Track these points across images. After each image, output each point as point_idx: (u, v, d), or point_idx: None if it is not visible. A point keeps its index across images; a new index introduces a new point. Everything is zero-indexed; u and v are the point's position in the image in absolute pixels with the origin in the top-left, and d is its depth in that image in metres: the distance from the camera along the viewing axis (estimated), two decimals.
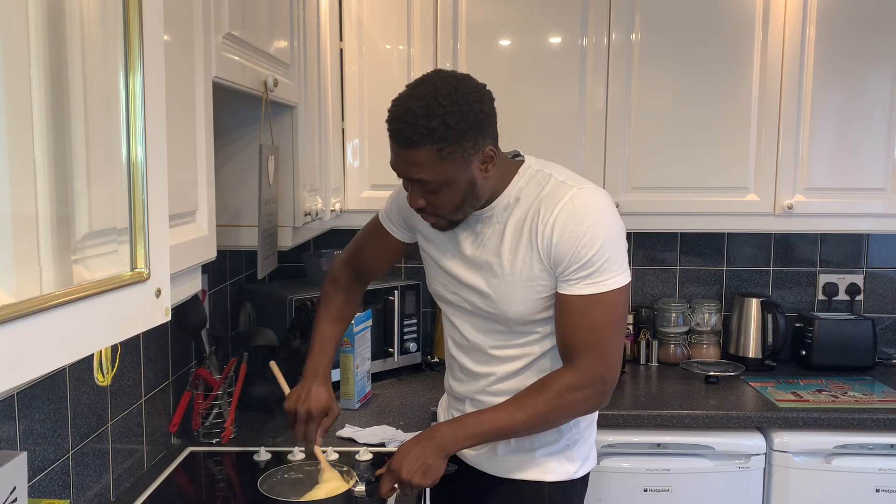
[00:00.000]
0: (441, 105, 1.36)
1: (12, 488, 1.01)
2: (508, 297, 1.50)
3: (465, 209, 1.48)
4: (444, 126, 1.36)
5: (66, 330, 0.65)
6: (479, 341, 1.59)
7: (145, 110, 0.76)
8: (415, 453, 1.45)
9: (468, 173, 1.42)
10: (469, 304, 1.58)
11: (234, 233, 1.77)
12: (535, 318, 1.52)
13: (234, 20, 1.38)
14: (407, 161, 1.40)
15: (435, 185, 1.42)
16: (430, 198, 1.45)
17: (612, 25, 2.43)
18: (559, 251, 1.44)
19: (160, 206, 0.81)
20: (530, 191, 1.50)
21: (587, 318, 1.44)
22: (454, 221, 1.52)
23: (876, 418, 2.20)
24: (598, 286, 1.43)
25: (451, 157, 1.38)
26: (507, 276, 1.50)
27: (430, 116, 1.35)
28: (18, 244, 0.60)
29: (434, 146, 1.37)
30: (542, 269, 1.47)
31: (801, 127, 2.45)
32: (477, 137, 1.40)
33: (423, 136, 1.36)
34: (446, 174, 1.40)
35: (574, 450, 1.59)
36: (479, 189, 1.47)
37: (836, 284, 2.83)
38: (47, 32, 0.64)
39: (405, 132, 1.37)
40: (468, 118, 1.38)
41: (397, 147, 1.41)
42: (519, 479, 1.58)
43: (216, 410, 2.01)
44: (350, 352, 2.22)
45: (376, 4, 2.46)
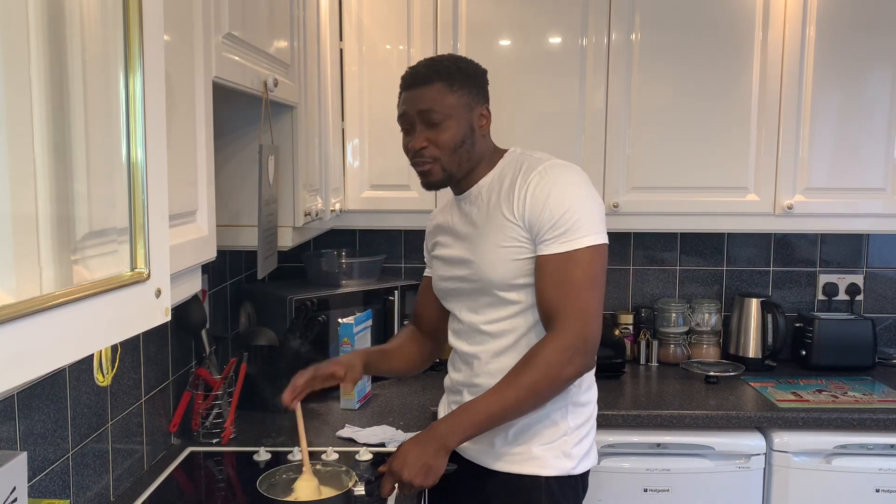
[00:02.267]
0: (452, 57, 1.66)
1: (12, 488, 1.01)
2: (485, 260, 1.59)
3: (461, 156, 1.60)
4: (457, 68, 1.60)
5: (66, 330, 0.65)
6: (472, 319, 1.65)
7: (145, 110, 0.76)
8: (415, 454, 1.47)
9: (470, 117, 1.60)
10: (459, 282, 1.66)
11: (234, 233, 1.77)
12: (516, 283, 1.58)
13: (234, 20, 1.38)
14: (420, 97, 1.59)
15: (440, 118, 1.57)
16: (433, 135, 1.58)
17: (612, 25, 2.43)
18: (531, 213, 1.53)
19: (160, 206, 0.82)
20: (511, 169, 1.63)
21: (562, 276, 1.50)
22: (447, 171, 1.61)
23: (876, 418, 2.20)
24: (571, 244, 1.50)
25: (460, 94, 1.59)
26: (483, 242, 1.60)
27: (444, 60, 1.63)
28: (18, 244, 0.60)
29: (447, 81, 1.58)
30: (515, 231, 1.55)
31: (801, 127, 2.45)
32: (480, 92, 1.63)
33: (438, 73, 1.59)
34: (453, 108, 1.58)
35: (572, 446, 1.60)
36: (476, 140, 1.62)
37: (836, 284, 2.83)
38: (47, 32, 0.64)
39: (420, 72, 1.60)
40: (474, 72, 1.64)
41: (410, 88, 1.61)
42: (516, 472, 1.59)
43: (216, 410, 2.01)
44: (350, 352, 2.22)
45: (376, 4, 2.46)
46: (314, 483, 1.58)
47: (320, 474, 1.61)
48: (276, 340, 2.25)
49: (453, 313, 1.72)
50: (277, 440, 2.00)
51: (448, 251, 1.70)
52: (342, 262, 2.63)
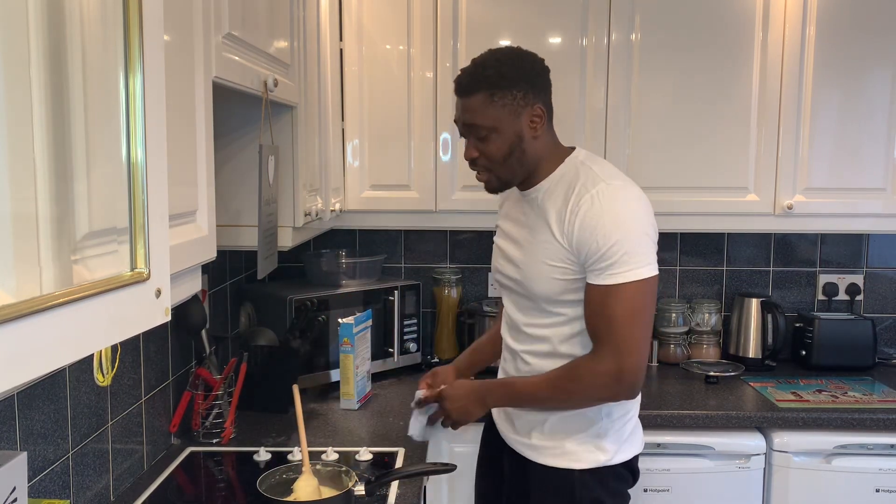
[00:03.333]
0: (497, 58, 1.57)
1: (12, 488, 1.01)
2: (532, 273, 1.61)
3: (513, 164, 1.59)
4: (498, 74, 1.54)
5: (66, 330, 0.65)
6: (517, 318, 1.70)
7: (145, 110, 0.76)
8: (463, 392, 1.70)
9: (517, 125, 1.56)
10: (510, 281, 1.70)
11: (234, 233, 1.77)
12: (561, 299, 1.60)
13: (234, 20, 1.38)
14: (464, 108, 1.58)
15: (485, 132, 1.56)
16: (481, 146, 1.59)
17: (612, 26, 2.43)
18: (580, 241, 1.53)
19: (160, 206, 0.82)
20: (569, 179, 1.60)
21: (604, 309, 1.52)
22: (503, 180, 1.63)
23: (876, 418, 2.20)
24: (617, 277, 1.50)
25: (502, 103, 1.54)
26: (532, 254, 1.62)
27: (487, 66, 1.56)
28: (18, 244, 0.60)
29: (488, 91, 1.54)
30: (563, 253, 1.56)
31: (801, 127, 2.45)
32: (528, 91, 1.56)
33: (479, 83, 1.55)
34: (496, 120, 1.55)
35: (605, 440, 1.64)
36: (527, 146, 1.58)
37: (836, 284, 2.83)
38: (47, 32, 0.64)
39: (464, 81, 1.58)
40: (520, 70, 1.56)
41: (458, 98, 1.60)
42: (551, 465, 1.66)
43: (216, 410, 2.01)
44: (350, 352, 2.23)
45: (376, 4, 2.46)
46: (314, 483, 1.58)
47: (320, 474, 1.62)
48: (276, 340, 2.25)
49: (504, 303, 1.79)
50: (277, 440, 2.00)
51: (504, 244, 1.74)
52: (342, 262, 2.63)
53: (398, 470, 1.76)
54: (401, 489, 1.71)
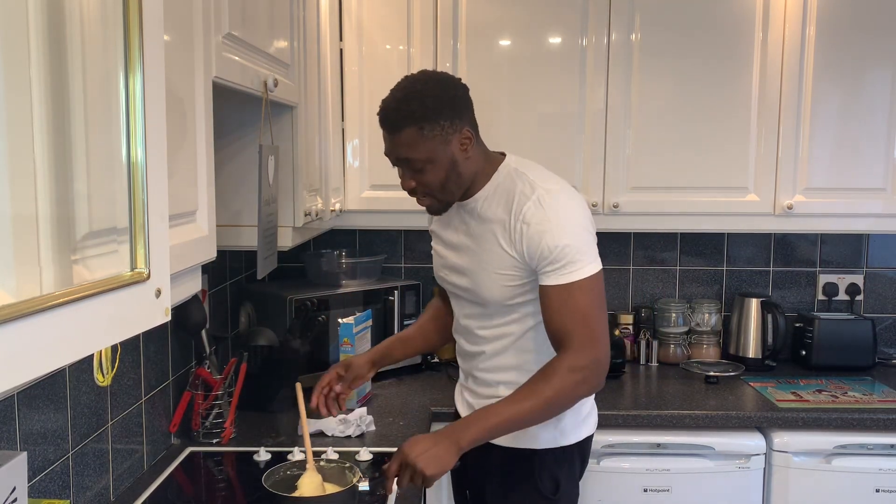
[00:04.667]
0: (417, 90, 1.57)
1: (12, 488, 1.01)
2: (483, 282, 1.66)
3: (451, 188, 1.63)
4: (423, 107, 1.55)
5: (67, 330, 0.65)
6: (467, 323, 1.75)
7: (145, 110, 0.76)
8: (428, 443, 1.51)
9: (448, 152, 1.59)
10: (458, 289, 1.74)
11: (234, 233, 1.77)
12: (513, 303, 1.66)
13: (234, 20, 1.38)
14: (395, 143, 1.59)
15: (420, 164, 1.58)
16: (418, 177, 1.61)
17: (612, 25, 2.43)
18: (529, 248, 1.58)
19: (160, 206, 0.81)
20: (505, 187, 1.65)
21: (569, 305, 1.56)
22: (444, 202, 1.67)
23: (876, 418, 2.20)
24: (573, 275, 1.56)
25: (432, 135, 1.56)
26: (482, 264, 1.66)
27: (410, 100, 1.56)
28: (18, 244, 0.60)
29: (416, 125, 1.55)
30: (512, 261, 1.61)
31: (801, 127, 2.45)
32: (454, 118, 1.58)
33: (406, 118, 1.55)
34: (429, 151, 1.57)
35: (563, 421, 1.70)
36: (461, 168, 1.62)
37: (836, 284, 2.83)
38: (47, 32, 0.64)
39: (390, 118, 1.57)
40: (443, 100, 1.57)
41: (386, 134, 1.60)
42: (511, 446, 1.70)
43: (216, 410, 2.01)
44: (350, 352, 2.22)
45: (376, 4, 2.46)
46: (318, 479, 1.59)
47: (324, 471, 1.62)
48: (276, 340, 2.25)
49: (453, 308, 1.81)
50: (277, 440, 2.00)
51: (446, 252, 1.76)
52: (342, 262, 2.63)
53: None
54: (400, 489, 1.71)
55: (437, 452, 1.49)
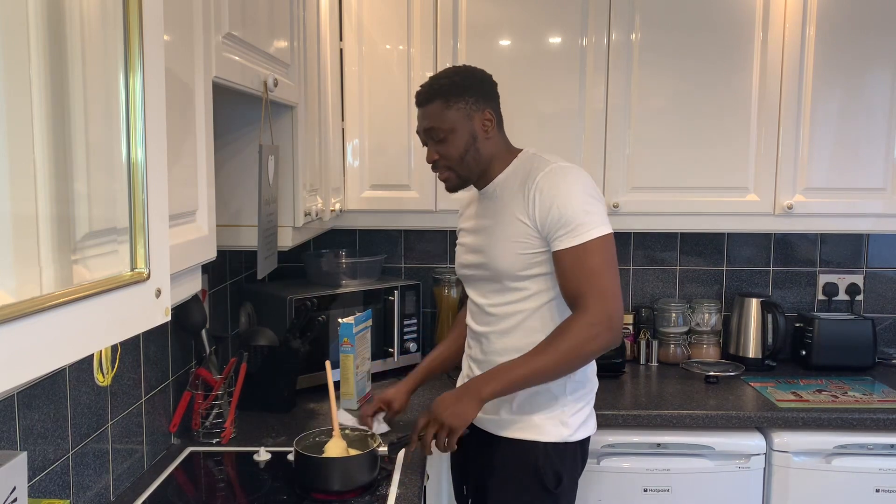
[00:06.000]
0: (451, 72, 1.81)
1: (12, 488, 1.01)
2: (496, 252, 1.74)
3: (469, 163, 1.77)
4: (452, 83, 1.75)
5: (66, 330, 0.65)
6: (481, 301, 1.82)
7: (145, 110, 0.76)
8: (451, 398, 1.66)
9: (470, 126, 1.75)
10: (472, 269, 1.83)
11: (234, 233, 1.77)
12: (523, 274, 1.73)
13: (234, 20, 1.38)
14: (424, 115, 1.77)
15: (443, 133, 1.74)
16: (440, 148, 1.76)
17: (612, 25, 2.43)
18: (542, 214, 1.67)
19: (160, 206, 0.81)
20: (524, 168, 1.77)
21: (581, 266, 1.65)
22: (461, 177, 1.79)
23: (876, 418, 2.20)
24: (584, 236, 1.65)
25: (456, 108, 1.74)
26: (495, 237, 1.75)
27: (442, 77, 1.78)
28: (18, 244, 0.60)
29: (443, 98, 1.74)
30: (526, 229, 1.70)
31: (801, 127, 2.45)
32: (478, 98, 1.76)
33: (436, 92, 1.75)
34: (452, 122, 1.74)
35: (569, 416, 1.76)
36: (480, 145, 1.76)
37: (836, 284, 2.83)
38: (47, 32, 0.64)
39: (423, 93, 1.78)
40: (471, 81, 1.77)
41: (419, 108, 1.79)
42: (517, 438, 1.76)
43: (216, 410, 2.01)
44: (350, 352, 2.22)
45: (376, 4, 2.46)
46: (343, 444, 1.78)
47: (348, 438, 1.81)
48: (276, 340, 2.25)
49: (469, 295, 1.89)
50: (277, 440, 2.00)
51: (466, 240, 1.88)
52: (342, 262, 2.63)
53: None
54: (400, 489, 1.71)
55: (461, 407, 1.64)
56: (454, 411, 1.63)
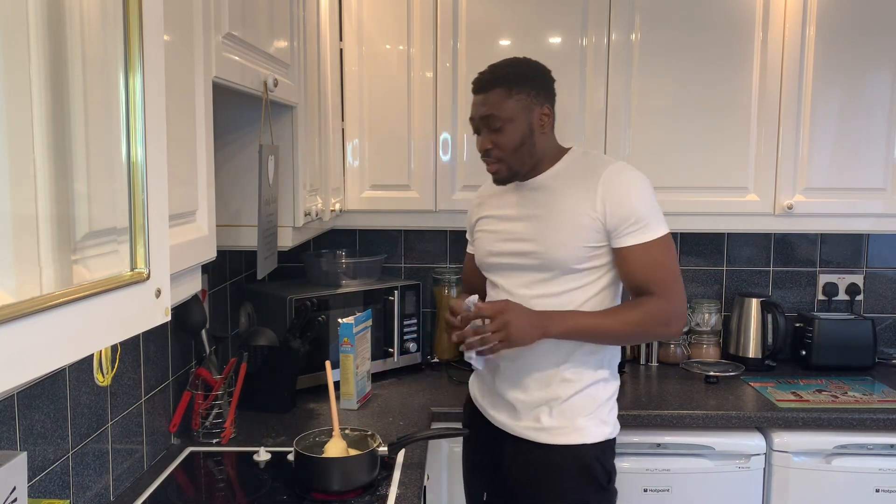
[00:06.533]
0: (514, 62, 1.79)
1: (12, 488, 1.01)
2: (555, 243, 1.73)
3: (522, 155, 1.76)
4: (516, 74, 1.75)
5: (66, 330, 0.65)
6: (523, 293, 1.78)
7: (145, 110, 0.76)
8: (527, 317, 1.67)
9: (528, 119, 1.74)
10: (518, 257, 1.80)
11: (234, 233, 1.77)
12: (580, 267, 1.74)
13: (234, 20, 1.38)
14: (483, 103, 1.75)
15: (501, 122, 1.73)
16: (495, 137, 1.75)
17: (612, 25, 2.43)
18: (612, 209, 1.70)
19: (160, 206, 0.81)
20: (578, 163, 1.80)
21: (653, 261, 1.71)
22: (511, 170, 1.78)
23: (876, 418, 2.20)
24: (655, 232, 1.71)
25: (518, 97, 1.73)
26: (553, 227, 1.74)
27: (506, 66, 1.78)
28: (18, 244, 0.60)
29: (506, 87, 1.73)
30: (591, 223, 1.71)
31: (801, 127, 2.45)
32: (540, 92, 1.76)
33: (499, 80, 1.74)
34: (512, 112, 1.73)
35: (607, 414, 1.81)
36: (536, 139, 1.76)
37: (836, 284, 2.83)
38: (47, 32, 0.64)
39: (484, 79, 1.77)
40: (535, 75, 1.77)
41: (477, 95, 1.77)
42: (564, 444, 1.76)
43: (216, 410, 2.01)
44: (350, 352, 2.23)
45: (376, 4, 2.46)
46: (343, 444, 1.78)
47: (348, 437, 1.81)
48: (276, 340, 2.25)
49: (499, 286, 1.85)
50: (277, 440, 2.00)
51: (506, 226, 1.83)
52: (342, 262, 2.63)
53: (417, 433, 1.88)
54: (400, 489, 1.71)
55: (529, 330, 1.66)
56: (523, 332, 1.65)
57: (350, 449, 1.78)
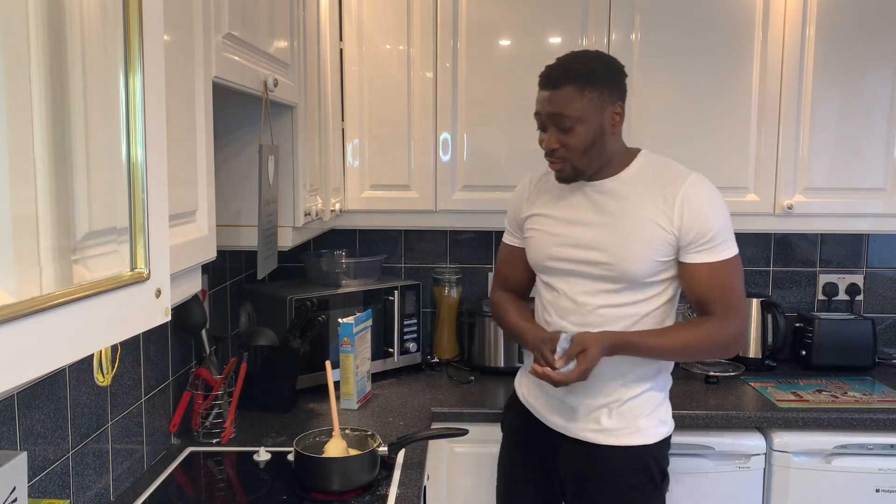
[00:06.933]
0: (589, 56, 1.71)
1: (12, 488, 1.01)
2: (627, 255, 1.69)
3: (591, 156, 1.69)
4: (590, 70, 1.66)
5: (66, 330, 0.65)
6: (585, 301, 1.75)
7: (145, 110, 0.76)
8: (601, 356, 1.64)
9: (600, 118, 1.67)
10: (581, 265, 1.75)
11: (234, 233, 1.77)
12: (650, 280, 1.71)
13: (234, 20, 1.38)
14: (551, 100, 1.68)
15: (570, 122, 1.66)
16: (563, 137, 1.68)
17: (612, 25, 2.43)
18: (688, 224, 1.67)
19: (160, 206, 0.81)
20: (649, 170, 1.74)
21: (720, 281, 1.70)
22: (577, 170, 1.72)
23: (876, 418, 2.20)
24: (727, 252, 1.70)
25: (590, 97, 1.65)
26: (626, 238, 1.70)
27: (579, 62, 1.68)
28: (18, 244, 0.60)
29: (577, 84, 1.65)
30: (665, 236, 1.69)
31: (801, 127, 2.45)
32: (613, 91, 1.69)
33: (570, 76, 1.65)
34: (582, 112, 1.65)
35: (664, 414, 1.81)
36: (607, 140, 1.70)
37: (836, 284, 2.83)
38: (47, 32, 0.64)
39: (554, 75, 1.68)
40: (608, 72, 1.69)
41: (545, 91, 1.70)
42: (625, 445, 1.76)
43: (216, 410, 2.01)
44: (350, 352, 2.23)
45: (376, 4, 2.46)
46: (343, 444, 1.79)
47: (348, 437, 1.82)
48: (276, 340, 2.25)
49: (559, 291, 1.79)
50: (277, 440, 2.00)
51: (566, 231, 1.77)
52: (342, 262, 2.63)
53: (417, 433, 1.88)
54: (400, 489, 1.71)
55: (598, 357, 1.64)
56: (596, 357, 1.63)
57: (350, 449, 1.79)
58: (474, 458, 2.23)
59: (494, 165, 2.49)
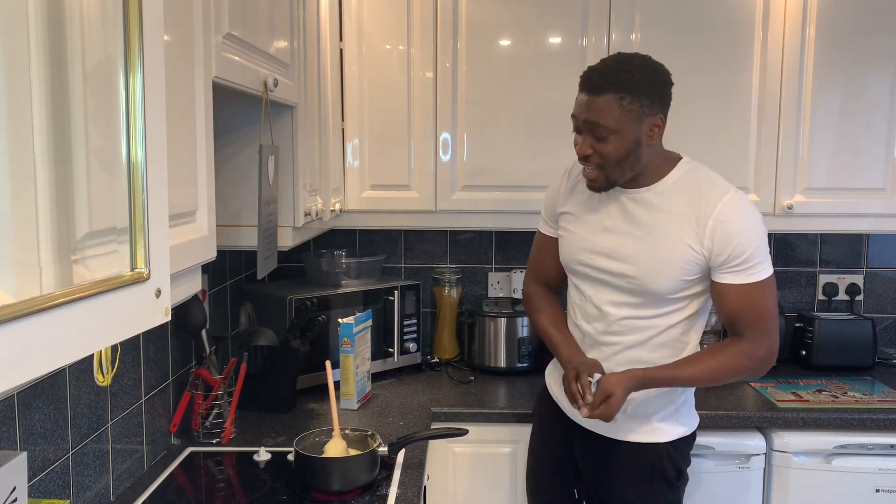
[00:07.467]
0: (633, 64, 1.61)
1: (12, 488, 1.01)
2: (653, 272, 1.67)
3: (625, 167, 1.64)
4: (632, 79, 1.58)
5: (67, 330, 0.65)
6: (609, 311, 1.75)
7: (145, 110, 0.76)
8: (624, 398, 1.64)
9: (637, 130, 1.61)
10: (607, 274, 1.73)
11: (234, 233, 1.77)
12: (674, 297, 1.70)
13: (234, 20, 1.38)
14: (589, 106, 1.61)
15: (605, 132, 1.60)
16: (598, 146, 1.63)
17: (612, 25, 2.43)
18: (720, 246, 1.63)
19: (160, 206, 0.82)
20: (687, 182, 1.69)
21: (753, 302, 1.66)
22: (610, 179, 1.67)
23: (876, 418, 2.20)
24: (761, 274, 1.65)
25: (630, 108, 1.58)
26: (655, 254, 1.67)
27: (621, 70, 1.59)
28: (18, 244, 0.60)
29: (618, 94, 1.58)
30: (694, 255, 1.65)
31: (801, 127, 2.45)
32: (654, 102, 1.61)
33: (611, 83, 1.58)
34: (619, 123, 1.59)
35: (683, 414, 1.80)
36: (642, 153, 1.64)
37: (836, 284, 2.83)
38: (47, 32, 0.64)
39: (595, 79, 1.61)
40: (653, 82, 1.61)
41: (584, 94, 1.64)
42: (637, 441, 1.77)
43: (216, 410, 2.01)
44: (350, 352, 2.23)
45: (376, 4, 2.46)
46: (343, 444, 1.79)
47: (348, 438, 1.82)
48: (276, 340, 2.25)
49: (585, 296, 1.79)
50: (277, 440, 2.00)
51: (595, 237, 1.75)
52: (342, 262, 2.63)
53: (417, 433, 1.88)
54: (400, 489, 1.71)
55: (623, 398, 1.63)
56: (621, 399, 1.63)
57: (350, 449, 1.79)
58: (474, 458, 2.23)
59: (494, 165, 2.49)
